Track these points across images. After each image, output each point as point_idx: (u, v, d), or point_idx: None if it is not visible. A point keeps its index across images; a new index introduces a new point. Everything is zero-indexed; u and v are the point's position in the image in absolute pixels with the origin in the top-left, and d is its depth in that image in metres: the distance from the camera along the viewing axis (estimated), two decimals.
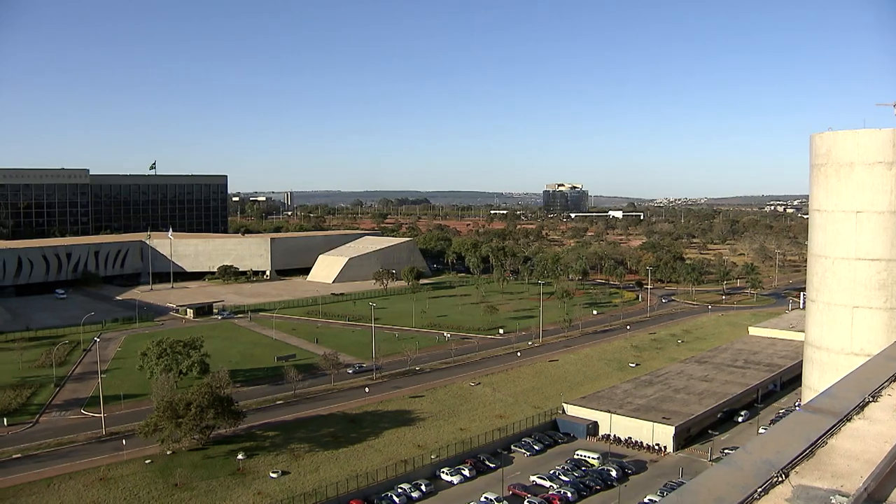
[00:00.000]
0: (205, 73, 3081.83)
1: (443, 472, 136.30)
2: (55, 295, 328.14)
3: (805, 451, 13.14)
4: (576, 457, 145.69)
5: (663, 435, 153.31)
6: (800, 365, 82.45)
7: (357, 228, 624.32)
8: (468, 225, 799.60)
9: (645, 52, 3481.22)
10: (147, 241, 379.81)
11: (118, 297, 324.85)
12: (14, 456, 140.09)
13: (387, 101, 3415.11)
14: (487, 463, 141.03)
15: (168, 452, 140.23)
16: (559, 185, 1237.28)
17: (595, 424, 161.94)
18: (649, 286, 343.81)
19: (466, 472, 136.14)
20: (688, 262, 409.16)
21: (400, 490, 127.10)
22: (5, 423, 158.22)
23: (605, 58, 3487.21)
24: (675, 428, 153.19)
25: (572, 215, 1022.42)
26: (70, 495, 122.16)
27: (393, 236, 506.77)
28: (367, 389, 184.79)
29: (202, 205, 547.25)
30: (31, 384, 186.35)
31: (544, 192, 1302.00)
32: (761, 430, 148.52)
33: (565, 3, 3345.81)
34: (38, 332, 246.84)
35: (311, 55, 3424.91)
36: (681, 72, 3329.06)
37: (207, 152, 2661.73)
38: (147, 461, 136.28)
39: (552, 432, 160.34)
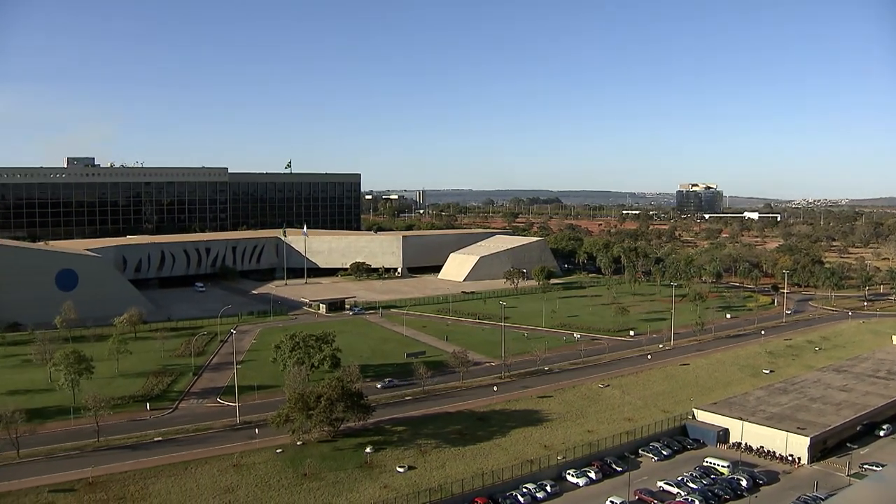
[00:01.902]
0: (339, 73, 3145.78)
1: (569, 473, 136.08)
2: (195, 288, 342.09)
3: None
4: (705, 464, 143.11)
5: (798, 446, 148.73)
6: None
7: (488, 227, 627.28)
8: (600, 225, 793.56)
9: (785, 48, 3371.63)
10: (282, 238, 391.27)
11: (254, 292, 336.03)
12: (155, 439, 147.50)
13: (518, 101, 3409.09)
14: (614, 466, 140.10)
15: (298, 443, 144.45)
16: (693, 186, 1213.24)
17: (726, 431, 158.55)
18: (786, 290, 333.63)
19: (592, 475, 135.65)
20: (827, 265, 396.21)
21: (525, 490, 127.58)
22: (148, 407, 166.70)
23: (742, 55, 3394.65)
24: (811, 439, 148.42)
25: (706, 216, 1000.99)
26: (205, 479, 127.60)
27: (524, 235, 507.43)
28: (495, 388, 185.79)
29: (336, 203, 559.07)
30: (171, 372, 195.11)
31: (678, 192, 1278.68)
32: None
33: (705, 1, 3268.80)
34: (179, 322, 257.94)
35: (445, 54, 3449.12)
36: (823, 67, 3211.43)
37: (342, 151, 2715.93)
38: (278, 450, 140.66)
39: (681, 438, 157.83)
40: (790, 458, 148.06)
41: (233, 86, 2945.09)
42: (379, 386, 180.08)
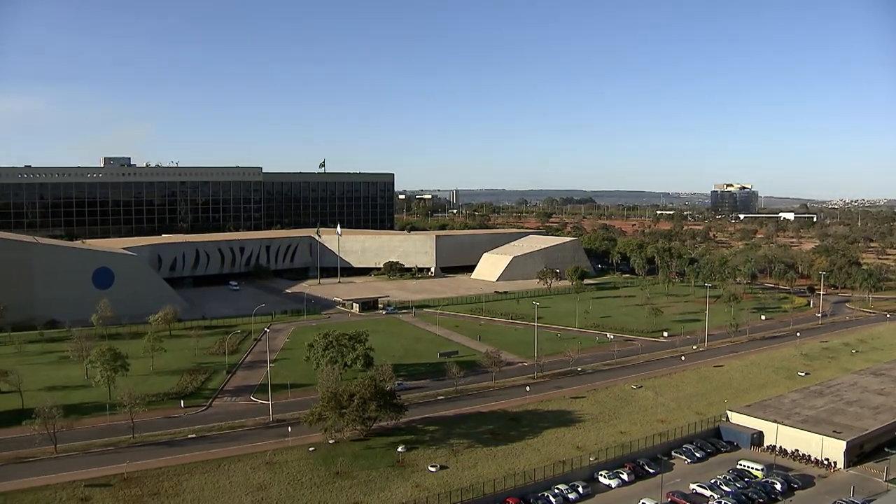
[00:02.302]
0: (374, 73, 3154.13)
1: (601, 474, 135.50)
2: (229, 286, 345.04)
3: None
4: (739, 467, 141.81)
5: (833, 450, 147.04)
6: None
7: (521, 227, 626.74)
8: (633, 225, 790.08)
9: (823, 47, 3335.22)
10: (316, 237, 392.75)
11: (287, 290, 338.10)
12: (189, 436, 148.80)
13: (552, 101, 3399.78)
14: (647, 468, 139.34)
15: (331, 441, 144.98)
16: (728, 186, 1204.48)
17: (760, 434, 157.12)
18: (822, 292, 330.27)
19: (625, 476, 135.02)
20: (864, 267, 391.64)
21: (557, 491, 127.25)
22: (182, 404, 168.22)
23: (779, 54, 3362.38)
24: (847, 443, 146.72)
25: (741, 216, 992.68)
26: (238, 476, 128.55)
27: (557, 235, 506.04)
28: (527, 388, 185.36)
29: (369, 202, 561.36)
30: (205, 370, 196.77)
31: (712, 192, 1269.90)
32: None
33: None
34: (213, 321, 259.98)
35: (479, 54, 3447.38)
36: (861, 66, 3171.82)
37: (375, 151, 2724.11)
38: (310, 449, 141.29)
39: (715, 440, 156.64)
40: (826, 463, 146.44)
41: (267, 85, 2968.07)
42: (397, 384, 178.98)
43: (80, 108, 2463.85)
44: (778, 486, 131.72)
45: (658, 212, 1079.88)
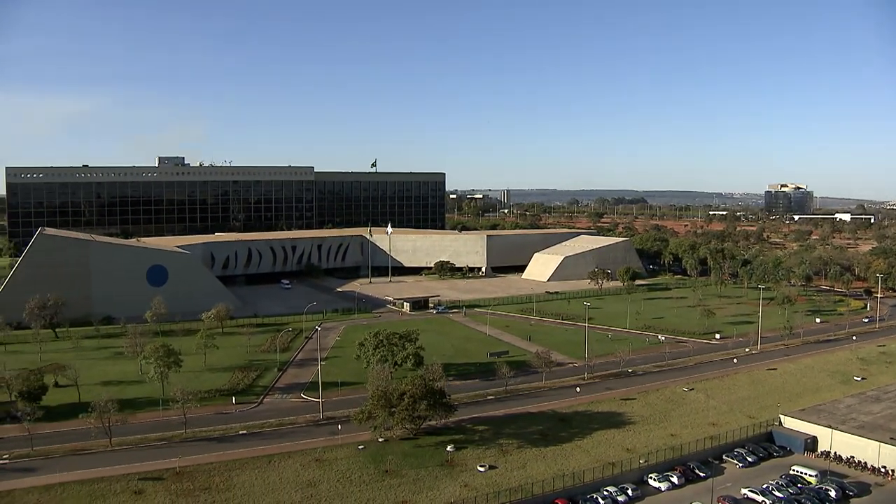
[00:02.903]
0: (425, 72, 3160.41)
1: (650, 477, 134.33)
2: (281, 285, 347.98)
3: None
4: (791, 472, 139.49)
5: (891, 457, 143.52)
6: None
7: (572, 227, 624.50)
8: (686, 225, 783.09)
9: (879, 46, 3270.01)
10: (367, 236, 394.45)
11: (339, 289, 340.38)
12: (240, 432, 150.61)
13: (604, 101, 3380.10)
14: (697, 471, 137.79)
15: (380, 440, 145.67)
16: (782, 186, 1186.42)
17: (814, 440, 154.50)
18: (879, 294, 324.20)
19: (675, 480, 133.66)
20: None
21: (606, 493, 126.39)
22: (234, 401, 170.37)
23: (835, 55, 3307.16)
24: None
25: (795, 217, 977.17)
26: (288, 473, 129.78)
27: (609, 236, 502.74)
28: (578, 389, 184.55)
29: (420, 202, 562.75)
30: (257, 367, 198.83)
31: (766, 192, 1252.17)
32: None
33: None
34: (265, 318, 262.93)
35: (531, 54, 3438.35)
36: None
37: (427, 151, 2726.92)
38: (360, 447, 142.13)
39: (767, 444, 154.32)
40: (883, 470, 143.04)
41: (319, 85, 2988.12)
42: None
43: (135, 109, 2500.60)
44: (832, 493, 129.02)
45: (711, 212, 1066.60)
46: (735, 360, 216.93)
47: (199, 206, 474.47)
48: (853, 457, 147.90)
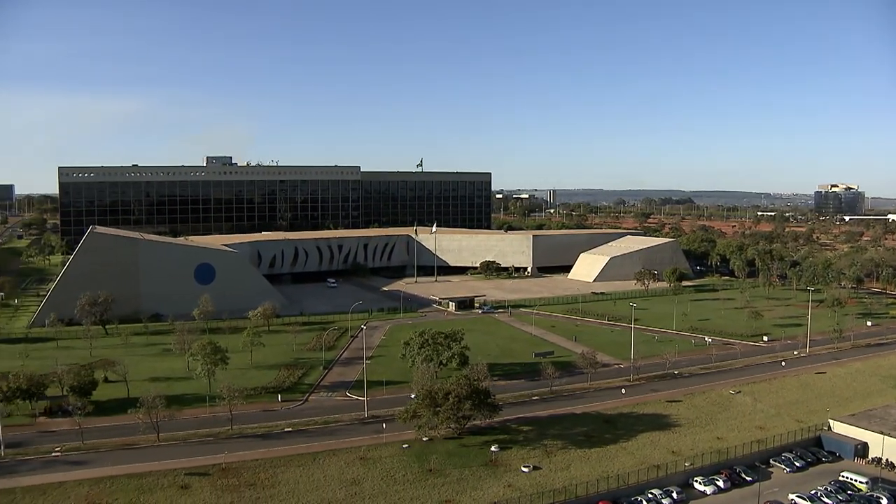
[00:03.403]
0: (471, 73, 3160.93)
1: (696, 480, 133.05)
2: (327, 284, 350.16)
3: None
4: (841, 479, 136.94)
5: None
6: None
7: (619, 227, 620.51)
8: (733, 226, 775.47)
9: None
10: (413, 236, 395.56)
11: (384, 288, 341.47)
12: (286, 429, 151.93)
13: (650, 101, 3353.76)
14: (744, 476, 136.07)
15: (424, 439, 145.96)
16: (832, 186, 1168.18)
17: (864, 446, 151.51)
18: None
19: (721, 483, 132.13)
20: None
21: (650, 495, 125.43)
22: (279, 398, 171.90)
23: (883, 52, 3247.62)
24: None
25: (846, 218, 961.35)
26: (333, 470, 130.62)
27: (655, 236, 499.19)
28: (623, 391, 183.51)
29: (466, 201, 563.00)
30: (302, 365, 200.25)
31: (815, 192, 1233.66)
32: None
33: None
34: (311, 317, 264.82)
35: (576, 54, 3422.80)
36: None
37: (473, 150, 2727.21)
38: (404, 445, 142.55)
39: (815, 450, 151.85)
40: None
41: (366, 85, 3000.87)
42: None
43: (184, 109, 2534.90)
44: (884, 501, 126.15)
45: (759, 213, 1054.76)
46: (783, 363, 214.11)
47: (247, 206, 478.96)
48: None
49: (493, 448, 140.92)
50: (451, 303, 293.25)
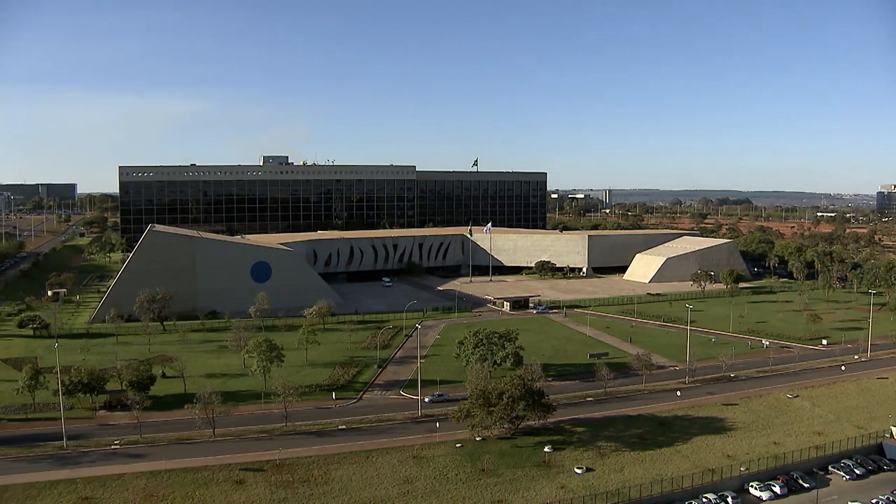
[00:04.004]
0: (528, 72, 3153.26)
1: (751, 486, 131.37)
2: (382, 283, 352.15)
3: None
4: None
5: None
6: None
7: (675, 228, 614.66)
8: (792, 227, 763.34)
9: None
10: (468, 236, 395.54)
11: (439, 288, 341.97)
12: (339, 427, 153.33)
13: (707, 101, 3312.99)
14: (801, 482, 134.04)
15: (477, 438, 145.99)
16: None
17: None
18: None
19: (777, 489, 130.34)
20: None
21: (704, 500, 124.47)
22: (334, 396, 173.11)
23: None
24: None
25: None
26: (385, 468, 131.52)
27: (712, 237, 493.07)
28: (678, 393, 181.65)
29: (521, 201, 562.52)
30: (357, 363, 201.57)
31: (878, 193, 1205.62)
32: None
33: None
34: (366, 316, 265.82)
35: (632, 54, 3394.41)
36: None
37: (528, 150, 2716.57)
38: (457, 445, 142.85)
39: (877, 457, 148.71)
40: None
41: (421, 84, 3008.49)
42: (427, 399, 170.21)
43: (241, 109, 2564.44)
44: None
45: (819, 214, 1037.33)
46: (843, 368, 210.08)
47: (303, 205, 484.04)
48: None
49: (546, 449, 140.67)
50: (505, 302, 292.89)
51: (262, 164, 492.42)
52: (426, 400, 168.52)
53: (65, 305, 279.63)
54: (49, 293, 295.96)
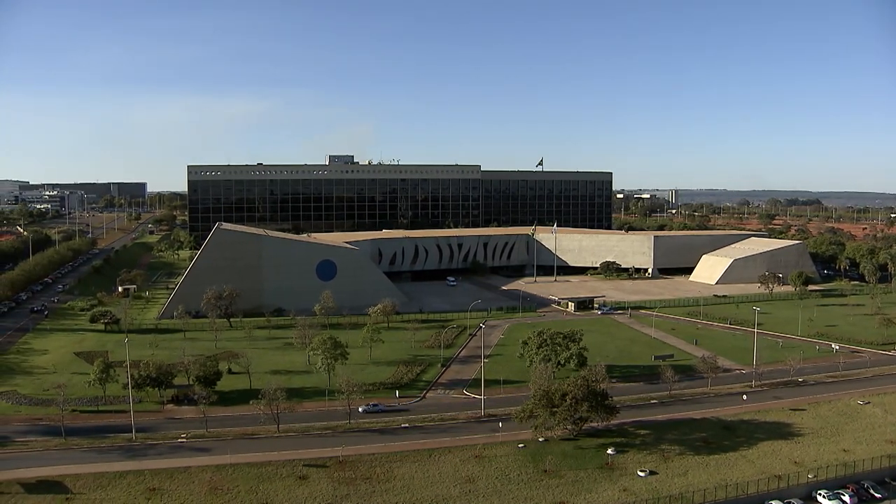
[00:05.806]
0: (593, 72, 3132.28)
1: (819, 494, 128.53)
2: (446, 282, 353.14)
3: None
4: None
5: None
6: None
7: (742, 229, 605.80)
8: (864, 229, 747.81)
9: None
10: (533, 235, 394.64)
11: (503, 287, 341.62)
12: (403, 425, 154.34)
13: (774, 101, 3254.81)
14: (872, 492, 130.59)
15: (540, 439, 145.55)
16: None
17: None
18: None
19: (846, 499, 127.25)
20: None
21: None
22: (397, 395, 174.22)
23: None
24: None
25: None
26: (447, 467, 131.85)
27: (781, 238, 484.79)
28: (744, 397, 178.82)
29: (586, 201, 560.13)
30: (420, 362, 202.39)
31: None
32: None
33: None
34: (430, 315, 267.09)
35: (699, 54, 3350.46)
36: None
37: (593, 150, 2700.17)
38: (520, 445, 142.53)
39: None
40: None
41: (486, 84, 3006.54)
42: (360, 409, 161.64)
43: (307, 109, 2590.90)
44: None
45: (892, 215, 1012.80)
46: None
47: (368, 204, 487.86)
48: None
49: (609, 451, 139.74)
50: (570, 303, 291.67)
51: (327, 163, 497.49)
52: (360, 410, 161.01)
53: (135, 301, 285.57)
54: (120, 289, 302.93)
